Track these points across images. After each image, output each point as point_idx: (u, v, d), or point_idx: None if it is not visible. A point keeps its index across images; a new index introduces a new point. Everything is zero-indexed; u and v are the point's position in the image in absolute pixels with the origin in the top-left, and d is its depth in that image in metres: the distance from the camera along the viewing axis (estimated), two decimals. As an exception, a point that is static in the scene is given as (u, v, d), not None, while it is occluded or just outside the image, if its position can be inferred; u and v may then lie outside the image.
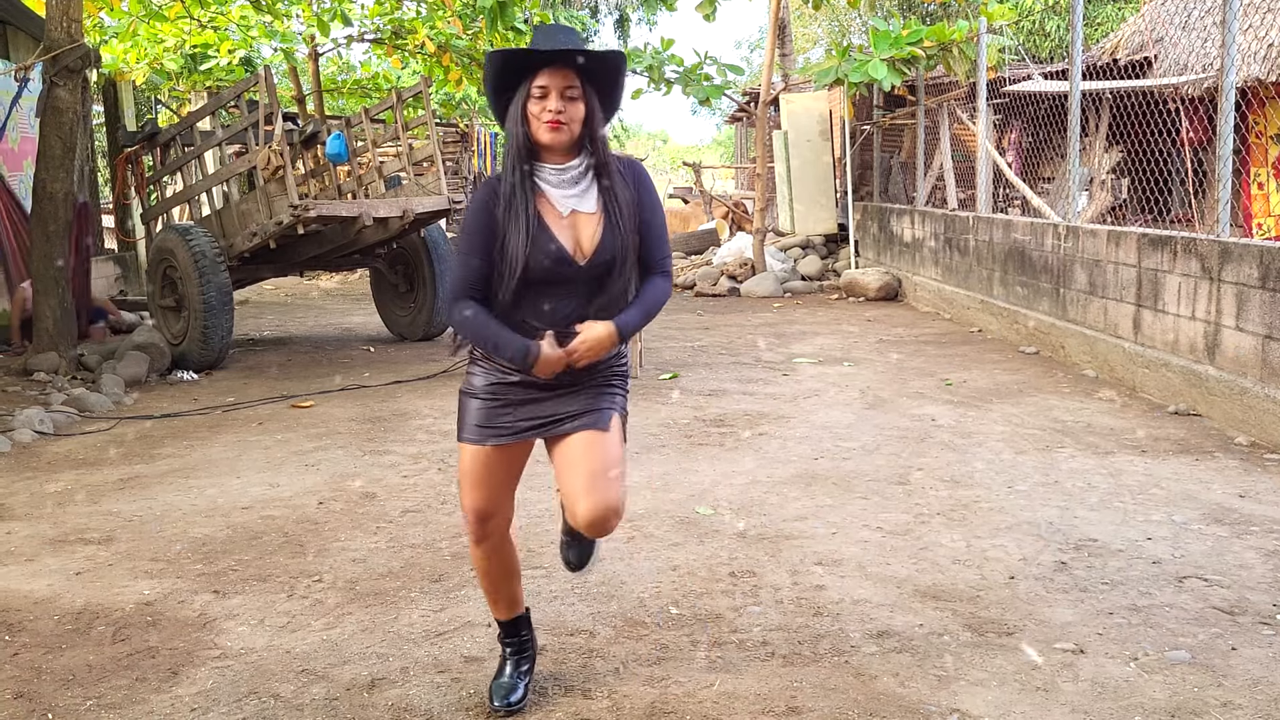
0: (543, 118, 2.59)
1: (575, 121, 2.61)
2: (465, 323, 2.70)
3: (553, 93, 2.58)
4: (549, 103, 2.58)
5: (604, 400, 2.76)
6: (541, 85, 2.58)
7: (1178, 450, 5.31)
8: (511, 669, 2.95)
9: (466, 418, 2.88)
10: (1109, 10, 20.29)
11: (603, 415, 2.75)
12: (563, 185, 2.66)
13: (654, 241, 2.74)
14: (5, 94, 9.44)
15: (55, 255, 7.75)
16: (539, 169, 2.66)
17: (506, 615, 2.98)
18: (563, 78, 2.58)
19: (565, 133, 2.60)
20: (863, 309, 11.21)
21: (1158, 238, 6.58)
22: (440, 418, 6.42)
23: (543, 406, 2.76)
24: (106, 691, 3.03)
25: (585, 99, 2.62)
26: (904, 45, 10.64)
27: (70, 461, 5.63)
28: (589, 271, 2.66)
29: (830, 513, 4.46)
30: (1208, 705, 2.83)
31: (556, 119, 2.58)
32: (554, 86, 2.58)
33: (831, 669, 3.08)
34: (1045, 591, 3.60)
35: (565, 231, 2.65)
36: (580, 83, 2.60)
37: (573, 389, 2.75)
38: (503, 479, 2.86)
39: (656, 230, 2.74)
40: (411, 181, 9.36)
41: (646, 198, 2.73)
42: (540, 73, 2.58)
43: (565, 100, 2.59)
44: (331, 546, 4.19)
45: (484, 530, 2.86)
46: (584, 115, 2.62)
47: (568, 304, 2.68)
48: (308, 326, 10.87)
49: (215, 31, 13.91)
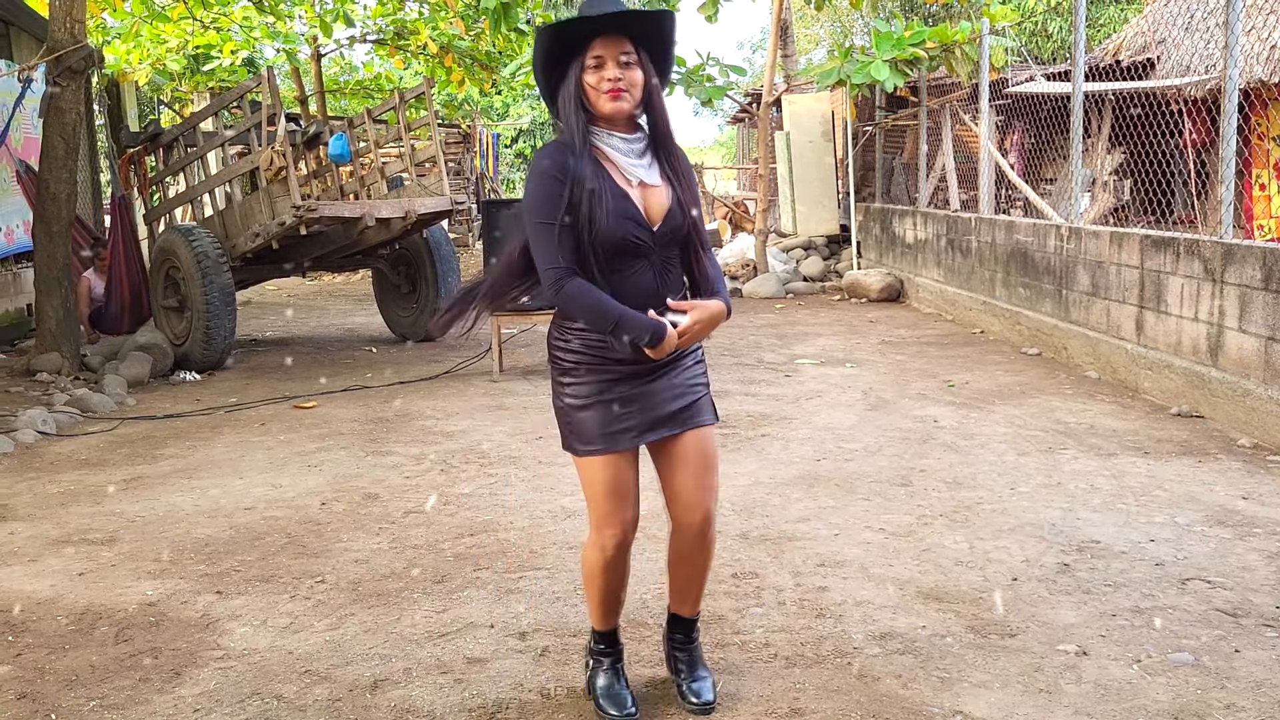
0: (601, 87, 2.53)
1: (635, 87, 2.56)
2: (574, 299, 2.54)
3: (609, 61, 2.52)
4: (606, 71, 2.52)
5: (697, 389, 2.74)
6: (597, 55, 2.53)
7: (1180, 452, 5.31)
8: (616, 677, 2.88)
9: (583, 429, 2.68)
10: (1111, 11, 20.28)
11: (703, 407, 2.74)
12: (630, 155, 2.62)
13: (700, 223, 2.72)
14: (8, 95, 9.44)
15: (57, 255, 7.76)
16: (606, 137, 2.60)
17: (609, 625, 2.90)
18: (617, 45, 2.53)
19: (627, 100, 2.55)
20: (865, 310, 11.21)
21: (1160, 239, 6.57)
22: (443, 418, 6.42)
23: (645, 399, 2.67)
24: (109, 692, 3.03)
25: (642, 65, 2.57)
26: (906, 46, 10.63)
27: (73, 462, 5.63)
28: (659, 239, 2.62)
29: (832, 514, 4.46)
30: (1211, 707, 2.83)
31: (616, 86, 2.53)
32: (609, 55, 2.53)
33: (834, 670, 3.08)
34: (1048, 593, 3.60)
35: (637, 199, 2.61)
36: (635, 48, 2.55)
37: (660, 375, 2.69)
38: (634, 481, 2.75)
39: (699, 209, 2.74)
40: (414, 182, 9.37)
41: (692, 176, 2.73)
42: (594, 43, 2.52)
43: (622, 68, 2.53)
44: (334, 547, 4.19)
45: (627, 540, 2.73)
46: (643, 81, 2.57)
47: (643, 278, 2.61)
48: (310, 327, 10.88)
49: (218, 32, 13.92)
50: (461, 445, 5.76)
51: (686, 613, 2.91)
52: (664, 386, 2.69)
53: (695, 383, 2.74)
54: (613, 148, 2.61)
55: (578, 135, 2.57)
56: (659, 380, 2.69)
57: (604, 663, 2.90)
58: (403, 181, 9.64)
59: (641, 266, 2.61)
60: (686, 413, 2.71)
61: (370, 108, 9.57)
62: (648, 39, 2.58)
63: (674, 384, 2.70)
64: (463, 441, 5.84)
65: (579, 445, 2.70)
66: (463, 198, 9.29)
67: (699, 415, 2.73)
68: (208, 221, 8.88)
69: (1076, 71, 7.77)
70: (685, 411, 2.71)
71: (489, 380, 7.60)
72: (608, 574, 2.78)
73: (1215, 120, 7.08)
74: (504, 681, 3.04)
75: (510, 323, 8.05)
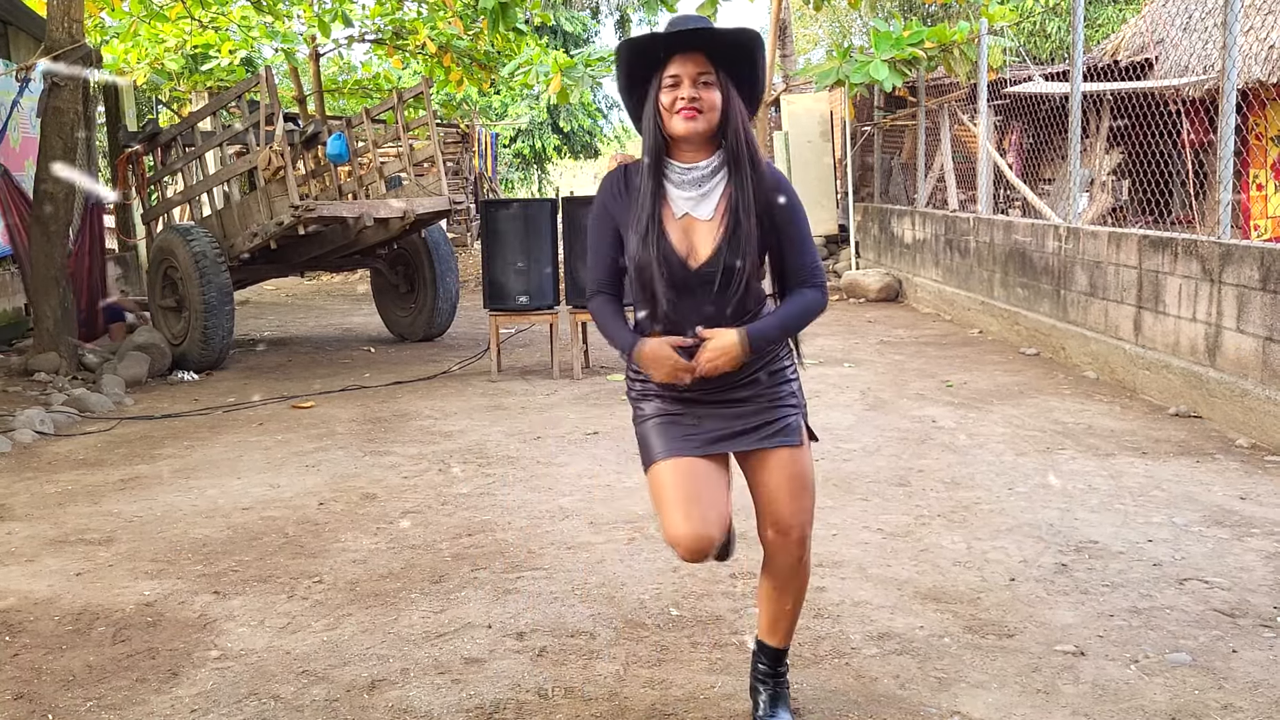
0: (675, 106, 2.46)
1: (712, 110, 2.47)
2: (594, 312, 2.65)
3: (685, 81, 2.45)
4: (681, 90, 2.45)
5: (780, 410, 2.61)
6: (674, 74, 2.46)
7: (1178, 452, 5.31)
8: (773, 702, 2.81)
9: (651, 443, 2.63)
10: (1110, 12, 20.29)
11: (787, 427, 2.60)
12: (683, 186, 2.54)
13: (794, 251, 2.57)
14: (6, 94, 9.44)
15: (55, 255, 7.75)
16: (668, 165, 2.54)
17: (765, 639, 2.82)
18: (695, 64, 2.46)
19: (702, 121, 2.47)
20: (863, 310, 11.21)
21: (1158, 239, 6.58)
22: (441, 419, 6.42)
23: (714, 418, 2.60)
24: (107, 692, 3.03)
25: (721, 86, 2.48)
26: (905, 46, 10.64)
27: (71, 462, 5.63)
28: (701, 278, 2.51)
29: (830, 514, 4.46)
30: (1208, 708, 2.83)
31: (690, 106, 2.45)
32: (686, 74, 2.46)
33: (832, 671, 3.08)
34: (1046, 593, 3.60)
35: (678, 233, 2.53)
36: (715, 69, 2.47)
37: (738, 403, 2.60)
38: (709, 495, 2.55)
39: (797, 240, 2.57)
40: (412, 182, 9.37)
41: (786, 204, 2.55)
42: (671, 61, 2.46)
43: (700, 87, 2.46)
44: (332, 547, 4.19)
45: (699, 557, 2.55)
46: (720, 103, 2.48)
47: (687, 308, 2.53)
48: (308, 327, 10.88)
49: (216, 32, 13.92)
50: (460, 445, 5.76)
51: (775, 643, 2.78)
52: (735, 407, 2.60)
53: (778, 403, 2.61)
54: (667, 178, 2.55)
55: (648, 158, 2.54)
56: (727, 404, 2.61)
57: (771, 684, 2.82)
58: (401, 181, 9.63)
59: (684, 296, 2.53)
60: (767, 430, 2.60)
61: (369, 107, 9.56)
62: (731, 60, 2.50)
63: (745, 404, 2.60)
64: (461, 441, 5.84)
65: (646, 459, 2.63)
66: (461, 198, 9.28)
67: (782, 434, 2.60)
68: (206, 221, 8.88)
69: (1075, 72, 7.77)
70: (765, 429, 2.60)
71: (487, 380, 7.60)
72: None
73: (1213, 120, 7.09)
74: (501, 682, 3.04)
75: (508, 323, 8.04)
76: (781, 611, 2.74)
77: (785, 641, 2.80)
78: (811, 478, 2.66)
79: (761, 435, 2.60)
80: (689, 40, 2.46)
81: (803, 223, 2.59)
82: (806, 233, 2.61)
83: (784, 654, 2.81)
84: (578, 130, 32.36)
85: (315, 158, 9.97)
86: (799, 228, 2.58)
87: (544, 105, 30.29)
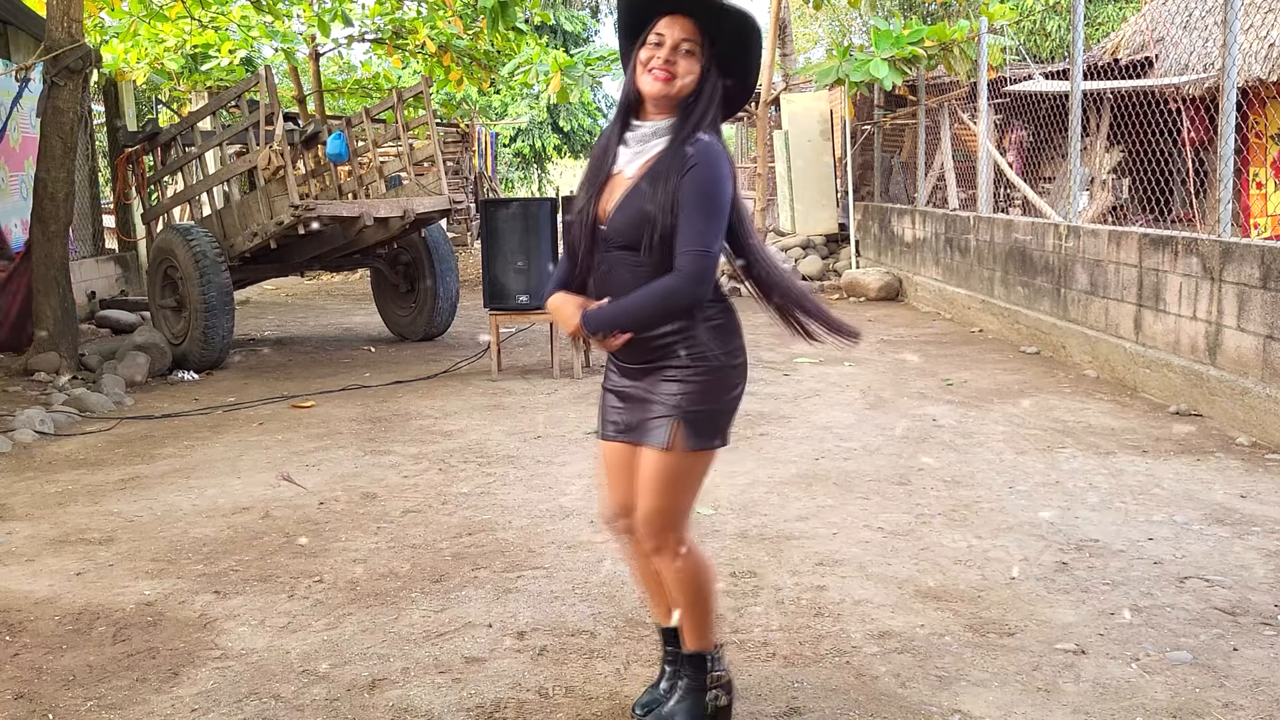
0: (650, 64, 2.43)
1: (686, 77, 2.43)
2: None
3: (668, 42, 2.43)
4: (661, 51, 2.43)
5: (660, 408, 2.53)
6: (659, 33, 2.44)
7: (1179, 450, 5.31)
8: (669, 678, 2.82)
9: (598, 415, 2.75)
10: (1110, 10, 20.28)
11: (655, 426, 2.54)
12: (630, 142, 2.51)
13: (681, 228, 2.39)
14: (6, 94, 9.44)
15: (56, 254, 7.75)
16: (632, 124, 2.51)
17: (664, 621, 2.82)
18: (681, 29, 2.42)
19: (670, 86, 2.43)
20: (864, 309, 11.21)
21: (1159, 238, 6.57)
22: (441, 418, 6.42)
23: (632, 401, 2.60)
24: (107, 692, 3.03)
25: (702, 59, 2.45)
26: (905, 45, 10.64)
27: (71, 462, 5.63)
28: (614, 239, 2.47)
29: (831, 513, 4.46)
30: (1209, 706, 2.83)
31: (663, 67, 2.42)
32: (670, 36, 2.42)
33: (832, 669, 3.08)
34: (1046, 592, 3.60)
35: (606, 190, 2.51)
36: (701, 41, 2.44)
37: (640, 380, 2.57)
38: (619, 479, 2.66)
39: (684, 220, 2.39)
40: (412, 181, 9.37)
41: (692, 178, 2.40)
42: (661, 19, 2.44)
43: (680, 54, 2.43)
44: (332, 547, 4.19)
45: (628, 522, 2.68)
46: (697, 74, 2.44)
47: (605, 270, 2.51)
48: (308, 327, 10.87)
49: (216, 31, 13.91)
50: (460, 445, 5.76)
51: (686, 643, 2.72)
52: (642, 393, 2.57)
53: (664, 400, 2.53)
54: (628, 134, 2.52)
55: (618, 110, 2.53)
56: (639, 387, 2.58)
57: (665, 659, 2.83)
58: (401, 181, 9.63)
59: (608, 260, 2.50)
60: (642, 428, 2.57)
61: (368, 107, 9.56)
62: (726, 42, 2.47)
63: (650, 394, 2.56)
64: (461, 441, 5.84)
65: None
66: (461, 197, 9.30)
67: (648, 434, 2.54)
68: (206, 221, 8.88)
69: (1075, 70, 7.77)
70: (641, 426, 2.57)
71: (487, 380, 7.60)
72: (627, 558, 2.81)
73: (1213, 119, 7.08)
74: (502, 681, 3.04)
75: (508, 322, 8.04)
76: (676, 603, 2.70)
77: (694, 645, 2.71)
78: (668, 484, 2.54)
79: (635, 432, 2.60)
80: (680, 3, 2.44)
81: (699, 204, 2.39)
82: (698, 215, 2.40)
83: (694, 657, 2.71)
84: (578, 129, 32.37)
85: (315, 157, 9.97)
86: (690, 208, 2.39)
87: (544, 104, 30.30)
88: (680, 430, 2.51)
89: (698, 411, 2.52)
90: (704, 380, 2.52)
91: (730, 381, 2.56)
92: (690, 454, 2.54)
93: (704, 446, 2.55)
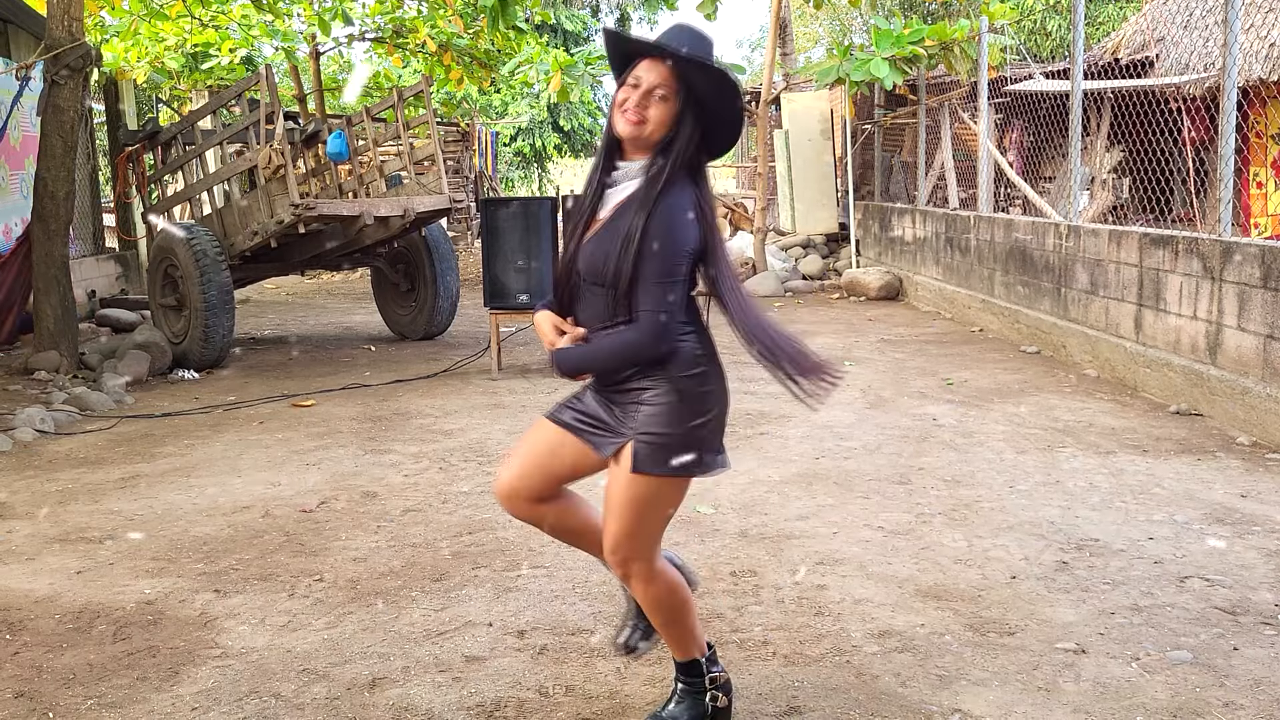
0: (624, 107, 2.46)
1: (656, 124, 2.45)
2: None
3: (642, 87, 2.44)
4: (635, 94, 2.45)
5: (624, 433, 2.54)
6: (637, 75, 2.46)
7: (1179, 450, 5.31)
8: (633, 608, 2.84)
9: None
10: (1110, 9, 20.28)
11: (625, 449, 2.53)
12: (613, 183, 2.54)
13: (639, 283, 2.42)
14: (6, 93, 9.44)
15: (56, 253, 7.75)
16: (617, 164, 2.54)
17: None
18: (657, 74, 2.44)
19: (641, 129, 2.45)
20: (864, 308, 11.21)
21: (1159, 237, 6.57)
22: (441, 417, 6.42)
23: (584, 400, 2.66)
24: (107, 690, 3.03)
25: (677, 105, 2.45)
26: (905, 44, 10.64)
27: (71, 460, 5.63)
28: (585, 275, 2.51)
29: (831, 512, 4.46)
30: (1209, 705, 2.83)
31: (635, 110, 2.44)
32: (646, 82, 2.44)
33: (832, 669, 3.08)
34: (1047, 591, 3.60)
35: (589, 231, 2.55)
36: (676, 88, 2.44)
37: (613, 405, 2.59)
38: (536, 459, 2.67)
39: (643, 273, 2.41)
40: (412, 180, 9.36)
41: (653, 226, 2.41)
42: (639, 63, 2.46)
43: (653, 99, 2.44)
44: (332, 545, 4.19)
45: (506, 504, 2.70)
46: (670, 121, 2.45)
47: (587, 307, 2.55)
48: (309, 325, 10.88)
49: (216, 30, 13.91)
50: (460, 443, 5.76)
51: (674, 655, 2.73)
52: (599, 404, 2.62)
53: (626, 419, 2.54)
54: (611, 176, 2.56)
55: (600, 150, 2.57)
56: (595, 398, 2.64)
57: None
58: (401, 180, 9.63)
59: (587, 298, 2.53)
60: (611, 437, 2.55)
61: (369, 106, 9.56)
62: (701, 92, 2.46)
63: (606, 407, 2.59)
64: (461, 440, 5.84)
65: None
66: (461, 196, 9.30)
67: (599, 446, 2.57)
68: (206, 220, 8.88)
69: (1075, 69, 7.77)
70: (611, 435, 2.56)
71: (487, 379, 7.60)
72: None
73: (1214, 118, 7.08)
74: (502, 680, 3.04)
75: (508, 321, 8.04)
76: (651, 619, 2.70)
77: (680, 655, 2.71)
78: (627, 507, 2.51)
79: (602, 440, 2.57)
80: (649, 50, 2.46)
81: (655, 267, 2.41)
82: (654, 277, 2.42)
83: (688, 664, 2.71)
84: (578, 129, 32.36)
85: (315, 156, 9.97)
86: (646, 265, 2.41)
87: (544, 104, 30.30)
88: (634, 452, 2.49)
89: (657, 435, 2.48)
90: (666, 403, 2.49)
91: (697, 407, 2.50)
92: (648, 478, 2.49)
93: (663, 473, 2.49)
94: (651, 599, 2.62)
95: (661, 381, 2.49)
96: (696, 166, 2.51)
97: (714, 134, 2.52)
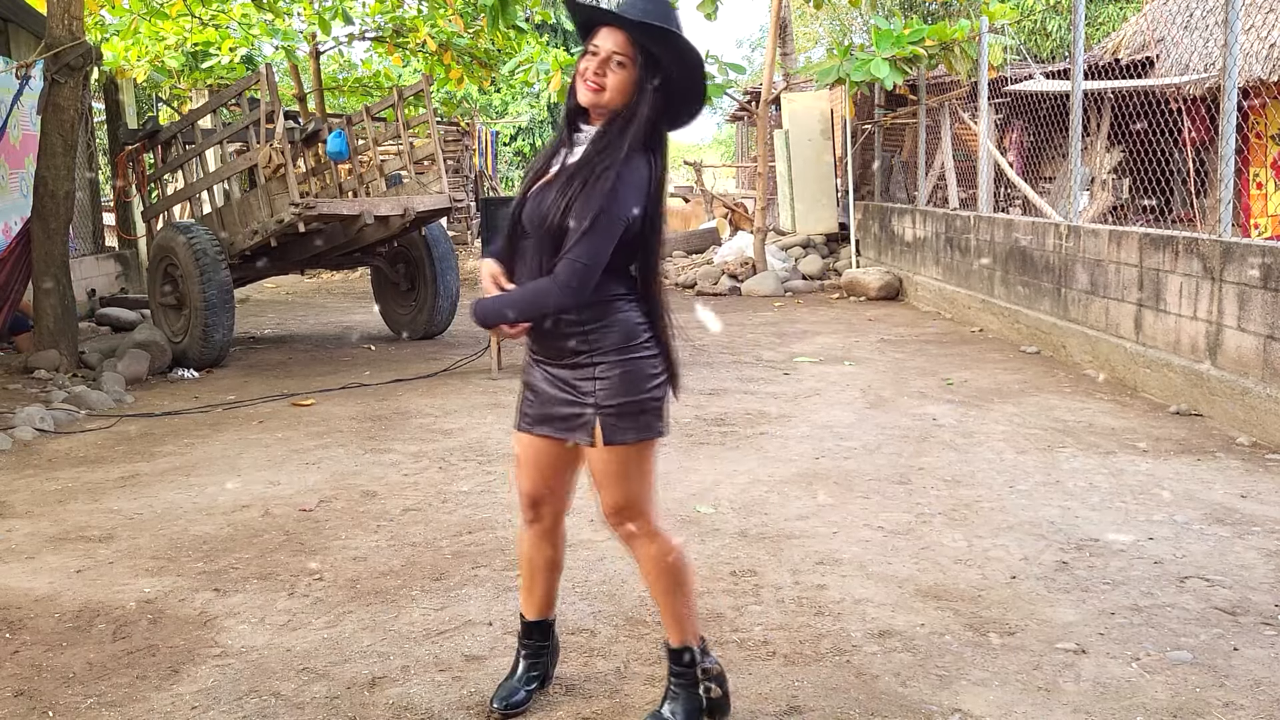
0: (583, 75, 2.50)
1: (615, 91, 2.48)
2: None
3: (601, 54, 2.48)
4: (593, 62, 2.49)
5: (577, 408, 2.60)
6: (596, 44, 2.49)
7: (1179, 450, 5.31)
8: (522, 672, 2.91)
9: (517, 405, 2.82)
10: (1111, 10, 20.27)
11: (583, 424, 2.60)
12: (574, 145, 2.57)
13: (570, 233, 2.45)
14: (6, 91, 9.43)
15: (55, 252, 7.75)
16: (580, 127, 2.58)
17: (533, 614, 2.92)
18: (614, 42, 2.47)
19: (599, 96, 2.49)
20: (864, 308, 11.21)
21: (1159, 237, 6.57)
22: (441, 416, 6.41)
23: (540, 392, 2.69)
24: (107, 689, 3.03)
25: (635, 72, 2.48)
26: (906, 44, 10.64)
27: (71, 459, 5.62)
28: (525, 228, 2.56)
29: (831, 512, 4.46)
30: (1210, 705, 2.83)
31: (593, 78, 2.48)
32: (604, 49, 2.48)
33: (832, 668, 3.07)
34: (1047, 591, 3.60)
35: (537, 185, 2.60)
36: (634, 54, 2.47)
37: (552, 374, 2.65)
38: (546, 466, 2.75)
39: (579, 224, 2.44)
40: (412, 180, 9.36)
41: (597, 191, 2.44)
42: (599, 31, 2.50)
43: (611, 66, 2.47)
44: (332, 545, 4.19)
45: (534, 513, 2.83)
46: (628, 88, 2.49)
47: (523, 261, 2.60)
48: (308, 325, 10.87)
49: (216, 29, 13.90)
50: (460, 443, 5.76)
51: (669, 638, 2.76)
52: (550, 385, 2.65)
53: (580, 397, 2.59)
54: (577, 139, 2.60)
55: (564, 115, 2.62)
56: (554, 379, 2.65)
57: (520, 653, 2.94)
58: (401, 179, 9.62)
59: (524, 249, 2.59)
60: (568, 422, 2.62)
61: (369, 105, 9.56)
62: (663, 57, 2.49)
63: (564, 389, 2.62)
64: (461, 439, 5.84)
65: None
66: (461, 196, 9.30)
67: (578, 430, 2.61)
68: (206, 219, 8.88)
69: (1075, 70, 7.77)
70: (567, 420, 2.63)
71: (487, 378, 7.60)
72: (526, 548, 2.90)
73: (1214, 119, 7.08)
74: (502, 679, 3.04)
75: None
76: (656, 601, 2.77)
77: (676, 638, 2.73)
78: (615, 479, 2.61)
79: (547, 425, 2.67)
80: (602, 18, 2.49)
81: (588, 223, 2.44)
82: (588, 227, 2.44)
83: (681, 651, 2.73)
84: (578, 128, 32.29)
85: (315, 155, 9.96)
86: (583, 218, 2.44)
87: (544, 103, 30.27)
88: (603, 426, 2.57)
89: (617, 405, 2.56)
90: (616, 375, 2.57)
91: (645, 372, 2.58)
92: (623, 448, 2.58)
93: (634, 439, 2.58)
94: (655, 560, 2.68)
95: (610, 354, 2.57)
96: (655, 135, 2.54)
97: (677, 105, 2.56)
